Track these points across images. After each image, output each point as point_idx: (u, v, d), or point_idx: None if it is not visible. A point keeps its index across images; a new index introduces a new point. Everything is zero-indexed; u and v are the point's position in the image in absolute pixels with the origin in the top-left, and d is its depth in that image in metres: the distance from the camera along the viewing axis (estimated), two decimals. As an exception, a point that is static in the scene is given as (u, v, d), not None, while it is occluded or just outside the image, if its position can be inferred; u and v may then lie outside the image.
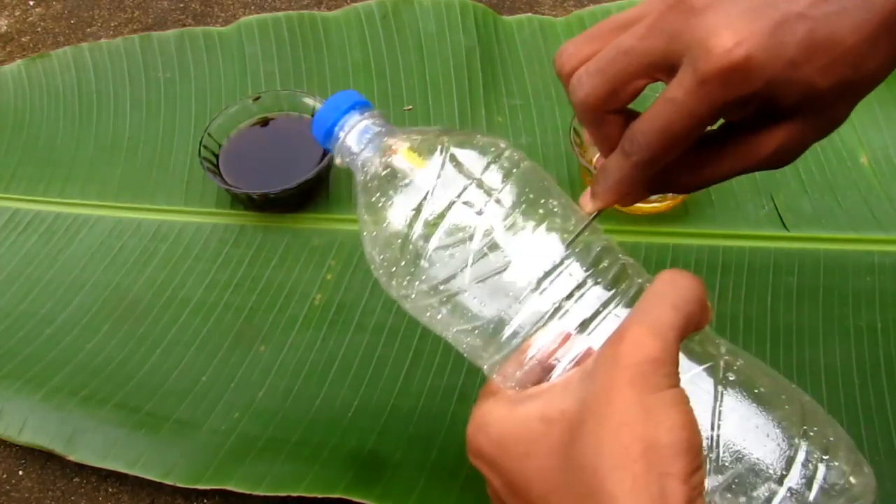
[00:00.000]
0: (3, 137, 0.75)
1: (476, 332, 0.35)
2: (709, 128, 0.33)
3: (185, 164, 0.71)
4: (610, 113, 0.34)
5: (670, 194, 0.62)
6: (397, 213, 0.36)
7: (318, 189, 0.68)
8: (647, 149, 0.33)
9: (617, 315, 0.34)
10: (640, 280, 0.35)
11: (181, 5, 0.91)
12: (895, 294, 0.58)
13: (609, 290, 0.34)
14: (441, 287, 0.35)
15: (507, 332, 0.34)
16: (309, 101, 0.70)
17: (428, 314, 0.37)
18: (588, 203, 0.37)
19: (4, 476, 0.58)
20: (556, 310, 0.34)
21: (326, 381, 0.57)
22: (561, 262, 0.34)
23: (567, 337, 0.34)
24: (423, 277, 0.36)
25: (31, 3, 0.93)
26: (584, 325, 0.33)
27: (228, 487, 0.51)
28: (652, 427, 0.28)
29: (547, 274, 0.34)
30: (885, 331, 0.56)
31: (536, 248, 0.34)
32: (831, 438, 0.33)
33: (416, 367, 0.57)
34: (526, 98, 0.72)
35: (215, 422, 0.55)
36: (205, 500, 0.56)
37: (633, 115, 0.34)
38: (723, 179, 0.35)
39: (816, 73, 0.30)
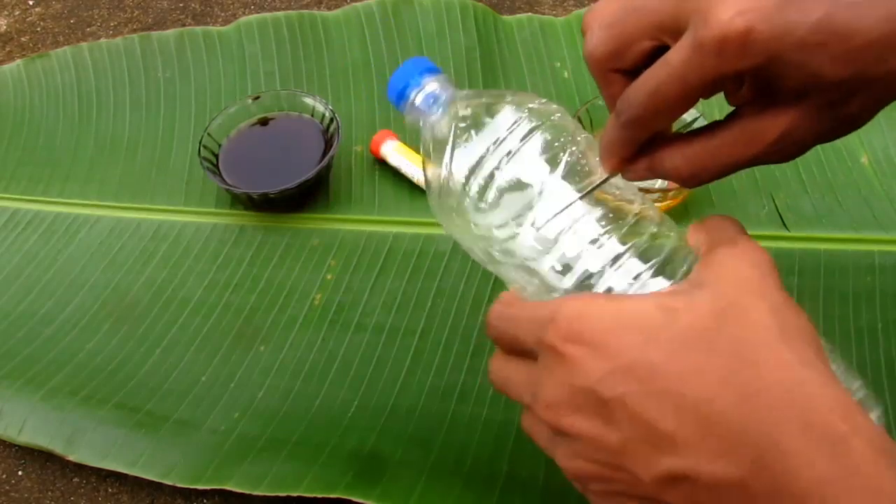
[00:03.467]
0: (2, 137, 0.75)
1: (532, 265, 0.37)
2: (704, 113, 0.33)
3: (185, 164, 0.71)
4: (616, 72, 0.34)
5: (671, 193, 0.62)
6: (458, 171, 0.38)
7: (318, 189, 0.68)
8: (635, 108, 0.32)
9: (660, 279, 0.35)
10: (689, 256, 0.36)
11: (181, 5, 0.91)
12: (895, 294, 0.58)
13: (654, 257, 0.35)
14: (509, 224, 0.37)
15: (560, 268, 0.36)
16: (309, 101, 0.70)
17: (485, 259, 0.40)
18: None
19: (4, 476, 0.58)
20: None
21: (326, 381, 0.57)
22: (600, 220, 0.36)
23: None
24: (482, 226, 0.38)
25: (31, 2, 0.93)
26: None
27: (228, 487, 0.51)
28: (796, 315, 0.29)
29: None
30: (886, 331, 0.56)
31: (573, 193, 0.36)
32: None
33: (416, 367, 0.57)
34: (526, 98, 0.72)
35: (215, 422, 0.55)
36: (205, 500, 0.55)
37: None
38: (724, 171, 0.33)
39: (828, 61, 0.28)
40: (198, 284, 0.64)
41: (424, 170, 0.41)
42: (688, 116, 0.61)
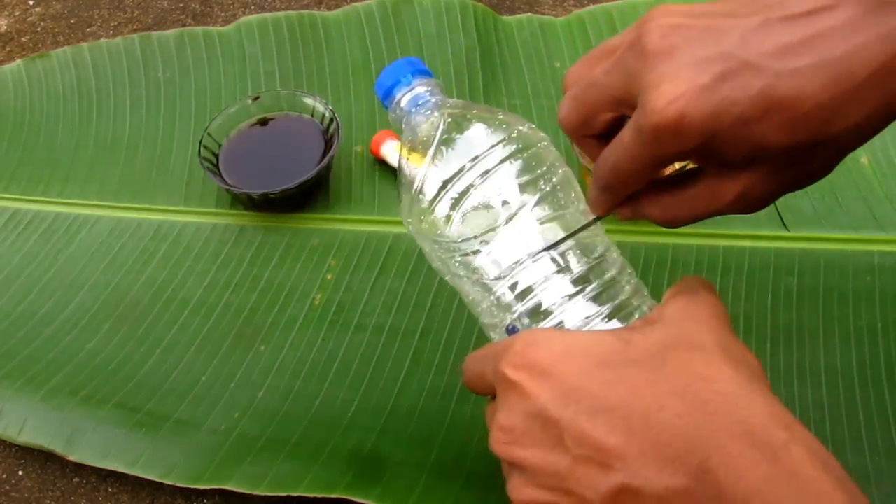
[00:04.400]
0: (2, 137, 0.75)
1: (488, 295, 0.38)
2: (677, 166, 0.35)
3: (185, 164, 0.71)
4: (589, 137, 0.36)
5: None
6: (432, 183, 0.39)
7: (318, 189, 0.68)
8: (604, 179, 0.34)
9: (616, 323, 0.37)
10: (643, 302, 0.38)
11: (181, 5, 0.91)
12: (895, 294, 0.58)
13: (608, 302, 0.37)
14: (462, 246, 0.38)
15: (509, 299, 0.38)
16: (309, 101, 0.70)
17: (447, 267, 0.40)
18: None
19: (4, 476, 0.58)
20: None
21: (326, 381, 0.57)
22: (564, 256, 0.37)
23: None
24: (447, 236, 0.38)
25: (31, 2, 0.93)
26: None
27: (228, 487, 0.51)
28: (743, 350, 0.31)
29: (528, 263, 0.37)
30: (886, 331, 0.56)
31: (538, 234, 0.37)
32: None
33: (416, 367, 0.57)
34: (526, 98, 0.72)
35: (215, 422, 0.55)
36: (205, 500, 0.55)
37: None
38: (696, 219, 0.34)
39: (773, 131, 0.29)
40: (198, 284, 0.64)
41: (399, 169, 0.41)
42: None
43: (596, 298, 0.37)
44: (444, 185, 0.38)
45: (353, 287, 0.62)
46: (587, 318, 0.36)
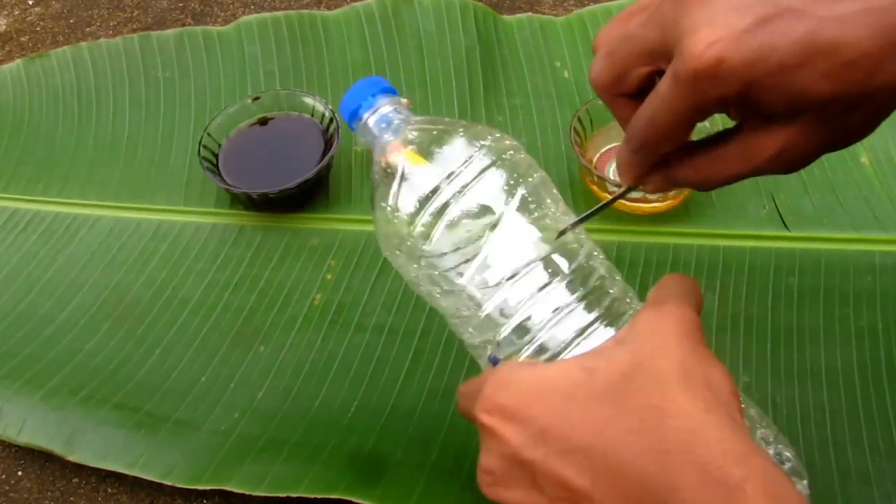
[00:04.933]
0: (2, 137, 0.75)
1: (470, 318, 0.38)
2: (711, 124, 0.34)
3: (185, 164, 0.71)
4: (622, 96, 0.34)
5: (671, 193, 0.62)
6: (406, 199, 0.38)
7: (318, 189, 0.68)
8: (639, 137, 0.33)
9: (606, 330, 0.36)
10: (630, 304, 0.38)
11: (181, 5, 0.91)
12: (895, 294, 0.58)
13: (602, 306, 0.36)
14: (441, 270, 0.38)
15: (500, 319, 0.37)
16: (309, 100, 0.69)
17: (429, 292, 0.40)
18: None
19: (4, 476, 0.58)
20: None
21: (326, 381, 0.57)
22: (550, 268, 0.37)
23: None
24: (424, 261, 0.38)
25: (31, 2, 0.93)
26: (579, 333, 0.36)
27: (228, 488, 0.51)
28: (708, 368, 0.30)
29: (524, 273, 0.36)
30: (886, 331, 0.56)
31: (525, 245, 0.37)
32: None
33: (416, 367, 0.57)
34: (526, 98, 0.72)
35: (215, 422, 0.55)
36: (205, 501, 0.55)
37: None
38: (730, 180, 0.34)
39: (814, 80, 0.28)
40: (198, 284, 0.64)
41: (372, 194, 0.40)
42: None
43: (586, 307, 0.36)
44: (420, 205, 0.37)
45: (353, 287, 0.62)
46: (578, 329, 0.36)
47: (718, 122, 0.40)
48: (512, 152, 0.39)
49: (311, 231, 0.66)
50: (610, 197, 0.62)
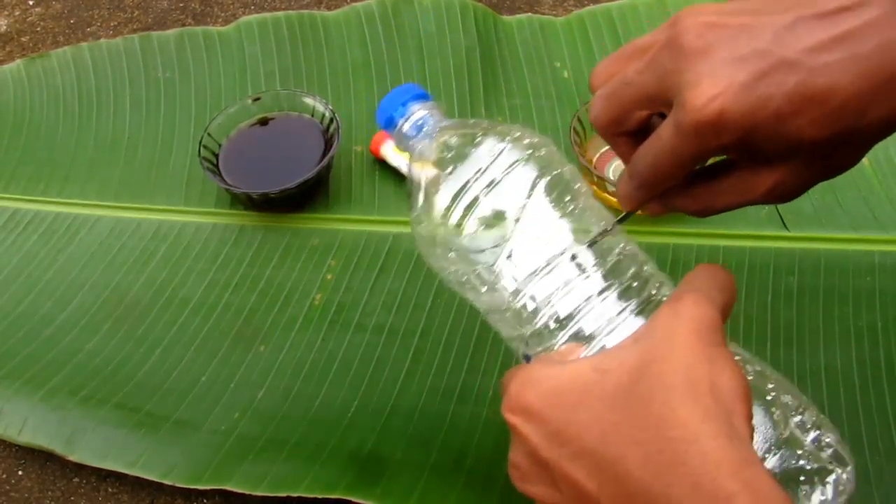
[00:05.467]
0: (2, 137, 0.75)
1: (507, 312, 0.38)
2: (712, 160, 0.35)
3: (185, 164, 0.71)
4: (622, 135, 0.36)
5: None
6: (441, 198, 0.39)
7: (318, 189, 0.68)
8: (641, 177, 0.35)
9: (636, 319, 0.36)
10: (660, 291, 0.38)
11: (181, 5, 0.91)
12: (895, 294, 0.58)
13: (631, 295, 0.37)
14: (473, 265, 0.39)
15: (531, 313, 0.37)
16: (309, 101, 0.70)
17: (468, 292, 0.41)
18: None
19: (4, 476, 0.58)
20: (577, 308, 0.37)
21: (326, 381, 0.57)
22: (580, 261, 0.37)
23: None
24: (461, 257, 0.39)
25: (31, 2, 0.93)
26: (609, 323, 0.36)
27: (228, 487, 0.51)
28: (716, 372, 0.29)
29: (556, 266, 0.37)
30: (886, 331, 0.56)
31: (558, 240, 0.37)
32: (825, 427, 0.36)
33: (416, 367, 0.57)
34: (526, 98, 0.72)
35: (215, 422, 0.55)
36: (205, 500, 0.55)
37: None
38: (726, 210, 0.36)
39: (808, 125, 0.30)
40: (198, 284, 0.64)
41: (410, 195, 0.42)
42: None
43: (618, 297, 0.37)
44: (455, 198, 0.38)
45: (353, 287, 0.62)
46: (612, 318, 0.36)
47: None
48: (545, 149, 0.40)
49: (311, 231, 0.66)
50: (608, 195, 0.62)
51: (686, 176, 0.35)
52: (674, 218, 0.63)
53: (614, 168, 0.64)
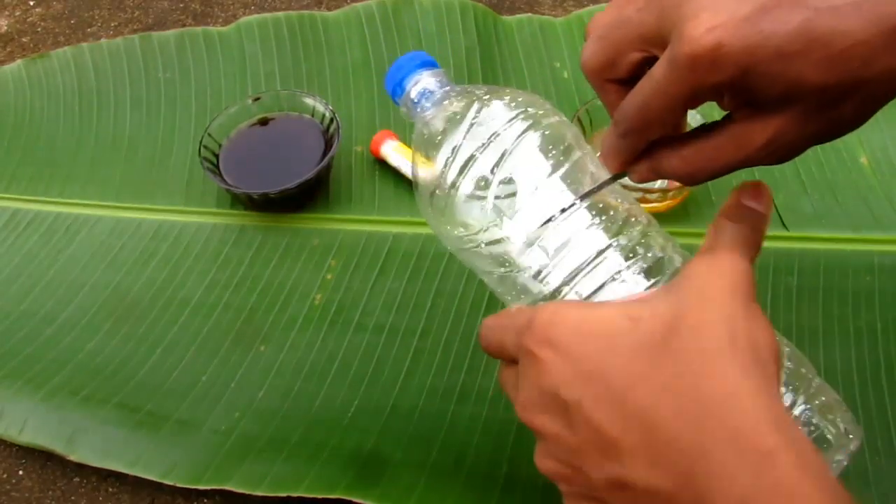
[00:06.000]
0: (3, 137, 0.75)
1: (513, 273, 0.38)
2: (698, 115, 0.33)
3: (185, 164, 0.71)
4: (611, 82, 0.35)
5: (670, 193, 0.62)
6: (440, 163, 0.39)
7: (318, 189, 0.68)
8: (628, 121, 0.33)
9: (636, 280, 0.36)
10: (667, 251, 0.38)
11: (181, 5, 0.91)
12: (895, 294, 0.58)
13: (633, 253, 0.36)
14: (484, 229, 0.38)
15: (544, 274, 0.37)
16: (309, 101, 0.70)
17: (466, 260, 0.40)
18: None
19: (4, 476, 0.59)
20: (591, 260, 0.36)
21: (326, 381, 0.57)
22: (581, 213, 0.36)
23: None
24: (460, 225, 0.38)
25: (32, 3, 0.93)
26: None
27: (228, 487, 0.51)
28: (754, 330, 0.29)
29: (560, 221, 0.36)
30: (885, 331, 0.56)
31: (557, 197, 0.37)
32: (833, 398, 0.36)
33: (416, 366, 0.57)
34: (526, 98, 0.72)
35: (215, 422, 0.55)
36: (205, 500, 0.56)
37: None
38: (719, 172, 0.33)
39: (809, 68, 0.28)
40: (198, 284, 0.64)
41: (414, 165, 0.41)
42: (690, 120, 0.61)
43: (625, 254, 0.36)
44: (461, 170, 0.38)
45: (353, 287, 0.62)
46: (619, 273, 0.36)
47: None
48: (556, 118, 0.40)
49: (311, 231, 0.66)
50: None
51: (677, 136, 0.33)
52: (674, 218, 0.63)
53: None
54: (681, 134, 0.34)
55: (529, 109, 0.39)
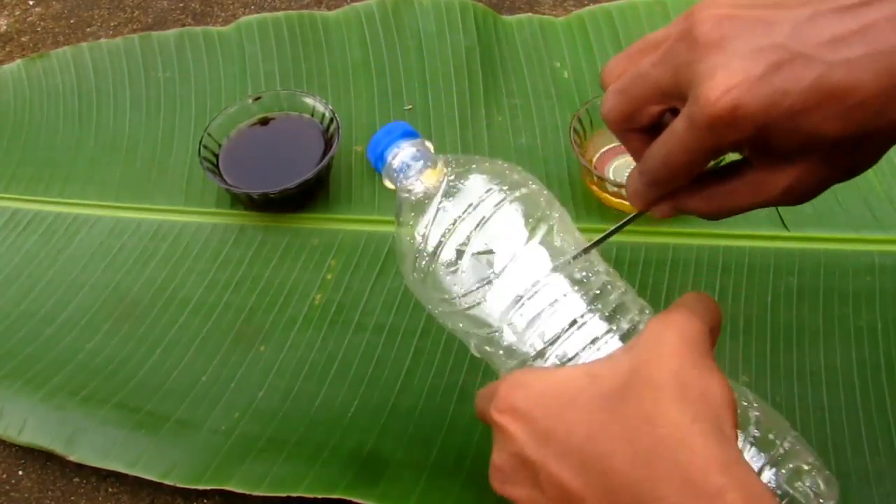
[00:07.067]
0: (2, 137, 0.75)
1: (491, 338, 0.40)
2: (728, 158, 0.34)
3: (185, 164, 0.71)
4: (634, 131, 0.36)
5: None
6: (421, 232, 0.40)
7: (318, 189, 0.68)
8: (654, 173, 0.34)
9: (615, 340, 0.37)
10: (638, 316, 0.39)
11: (181, 5, 0.91)
12: (895, 294, 0.58)
13: (609, 320, 0.38)
14: (459, 300, 0.39)
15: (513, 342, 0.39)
16: (309, 101, 0.70)
17: (450, 323, 0.42)
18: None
19: (4, 476, 0.58)
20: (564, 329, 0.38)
21: (326, 381, 0.57)
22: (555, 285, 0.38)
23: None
24: (443, 291, 0.40)
25: (31, 2, 0.93)
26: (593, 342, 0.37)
27: (228, 487, 0.51)
28: (706, 380, 0.30)
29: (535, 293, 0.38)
30: (885, 331, 0.56)
31: (537, 266, 0.38)
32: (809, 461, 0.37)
33: (416, 366, 0.57)
34: (526, 98, 0.72)
35: (215, 422, 0.55)
36: (205, 500, 0.56)
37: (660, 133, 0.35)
38: (739, 212, 0.35)
39: (824, 122, 0.29)
40: (198, 284, 0.64)
41: (396, 233, 0.43)
42: None
43: (600, 320, 0.37)
44: (441, 239, 0.39)
45: (353, 287, 0.62)
46: (593, 341, 0.37)
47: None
48: (533, 185, 0.41)
49: (311, 231, 0.66)
50: (608, 195, 0.62)
51: (699, 175, 0.34)
52: (674, 218, 0.63)
53: (614, 168, 0.64)
54: (703, 174, 0.35)
55: (506, 179, 0.40)
